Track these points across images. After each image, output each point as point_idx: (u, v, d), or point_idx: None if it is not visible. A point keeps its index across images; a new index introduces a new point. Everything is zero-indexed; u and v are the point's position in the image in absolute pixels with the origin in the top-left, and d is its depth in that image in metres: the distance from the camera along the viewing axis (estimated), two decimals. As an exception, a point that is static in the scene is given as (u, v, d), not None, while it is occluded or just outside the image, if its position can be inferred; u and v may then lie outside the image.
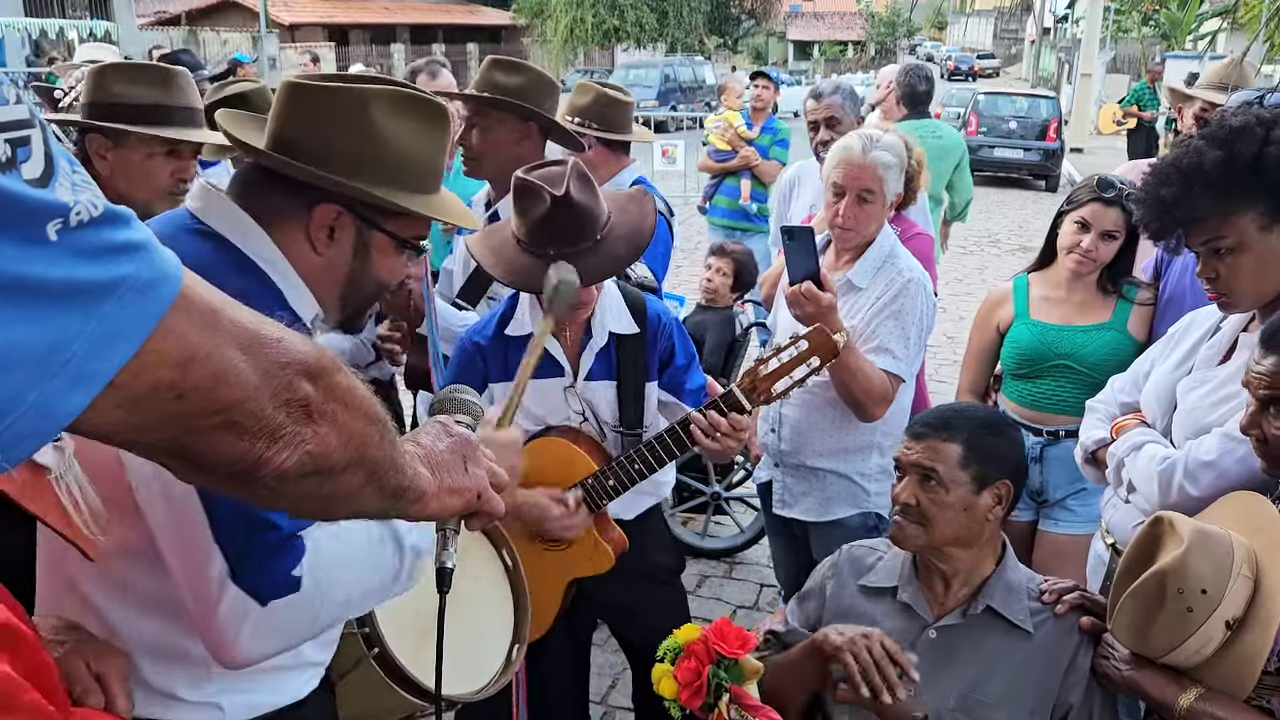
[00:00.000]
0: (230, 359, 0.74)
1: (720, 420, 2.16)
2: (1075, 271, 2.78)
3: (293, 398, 0.80)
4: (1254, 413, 1.65)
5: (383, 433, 0.93)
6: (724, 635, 1.85)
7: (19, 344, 0.60)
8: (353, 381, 0.89)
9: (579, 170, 2.15)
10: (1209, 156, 1.84)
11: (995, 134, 16.88)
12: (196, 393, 0.72)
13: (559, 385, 2.33)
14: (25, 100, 0.63)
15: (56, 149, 0.65)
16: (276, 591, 1.30)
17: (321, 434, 0.83)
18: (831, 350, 2.15)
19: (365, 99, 1.39)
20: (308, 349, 0.83)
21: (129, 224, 0.68)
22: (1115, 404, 2.28)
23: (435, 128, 1.48)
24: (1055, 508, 2.86)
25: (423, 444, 1.12)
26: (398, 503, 1.03)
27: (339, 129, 1.39)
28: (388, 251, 1.48)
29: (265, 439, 0.78)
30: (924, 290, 2.68)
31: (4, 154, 0.60)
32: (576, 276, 1.96)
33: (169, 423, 0.72)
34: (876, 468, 2.77)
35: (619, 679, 3.51)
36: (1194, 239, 1.92)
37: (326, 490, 0.88)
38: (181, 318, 0.70)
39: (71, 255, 0.63)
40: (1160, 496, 1.94)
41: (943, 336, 7.26)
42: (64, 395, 0.63)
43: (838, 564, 2.06)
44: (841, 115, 4.07)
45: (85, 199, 0.64)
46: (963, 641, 1.84)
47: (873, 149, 2.68)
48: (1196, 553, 1.60)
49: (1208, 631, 1.59)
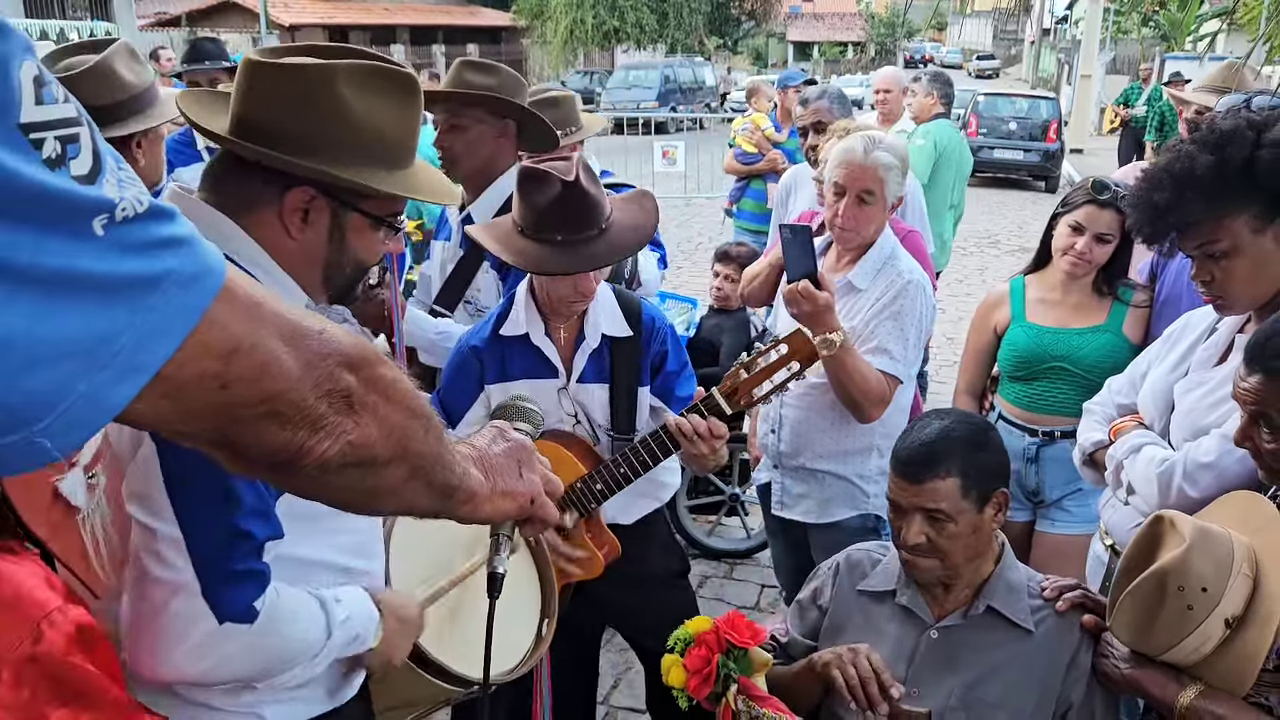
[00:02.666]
0: (273, 350, 0.75)
1: (700, 423, 2.16)
2: (1070, 274, 2.80)
3: (334, 388, 0.81)
4: (1245, 426, 1.67)
5: (427, 427, 0.93)
6: (735, 626, 1.87)
7: (68, 336, 0.62)
8: (396, 374, 0.89)
9: (585, 162, 2.19)
10: (1200, 161, 1.85)
11: (995, 135, 16.88)
12: (240, 383, 0.73)
13: (553, 387, 2.34)
14: (73, 99, 0.64)
15: (103, 146, 0.66)
16: (235, 615, 1.31)
17: (363, 425, 0.83)
18: (811, 354, 2.14)
19: (330, 75, 1.36)
20: (349, 341, 0.84)
21: (173, 219, 0.70)
22: (1112, 405, 2.29)
23: (405, 100, 1.44)
24: (1052, 508, 2.88)
25: (478, 446, 1.12)
26: (448, 502, 1.03)
27: (305, 109, 1.36)
28: (364, 230, 1.47)
29: (307, 428, 0.79)
30: (924, 292, 2.69)
31: (54, 151, 0.61)
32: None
33: (213, 412, 0.74)
34: (876, 469, 2.78)
35: (621, 679, 3.53)
36: (1187, 243, 1.94)
37: (370, 483, 0.88)
38: (225, 310, 0.72)
39: (118, 250, 0.64)
40: (1160, 498, 1.95)
41: (942, 337, 7.28)
42: (112, 386, 0.65)
43: (836, 570, 2.07)
44: (829, 119, 4.10)
45: (131, 195, 0.66)
46: (964, 641, 1.86)
47: (874, 150, 2.68)
48: (1197, 551, 1.62)
49: (1207, 629, 1.60)
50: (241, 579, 1.32)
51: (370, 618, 1.55)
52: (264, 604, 1.34)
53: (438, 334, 2.71)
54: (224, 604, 1.30)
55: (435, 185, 1.56)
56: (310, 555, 1.48)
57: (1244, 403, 1.66)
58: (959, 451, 1.82)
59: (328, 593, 1.48)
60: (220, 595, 1.30)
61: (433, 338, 2.70)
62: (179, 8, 31.06)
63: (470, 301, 2.85)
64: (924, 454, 1.82)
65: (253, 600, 1.32)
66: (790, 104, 6.80)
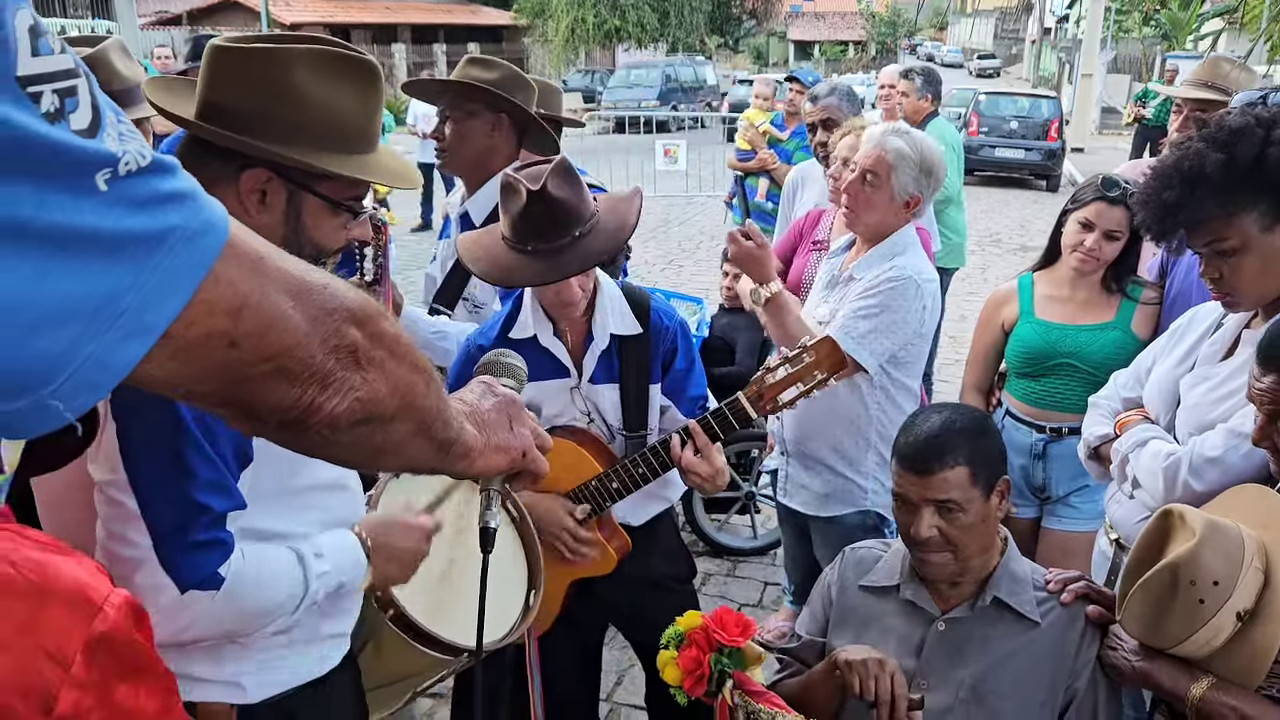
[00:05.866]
0: (280, 305, 0.74)
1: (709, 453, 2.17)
2: (1079, 270, 2.80)
3: (341, 344, 0.79)
4: (1263, 425, 1.67)
5: (429, 382, 0.93)
6: (723, 623, 1.87)
7: (73, 295, 0.60)
8: (398, 329, 0.88)
9: (562, 166, 2.14)
10: (1210, 159, 1.85)
11: (996, 134, 16.90)
12: (248, 339, 0.72)
13: (565, 386, 2.33)
14: (69, 50, 0.62)
15: (102, 99, 0.64)
16: (198, 583, 1.33)
17: (370, 380, 0.82)
18: (840, 362, 2.13)
19: (288, 60, 1.38)
20: (353, 295, 0.83)
21: (175, 173, 0.68)
22: (1118, 399, 2.29)
23: (364, 87, 1.45)
24: (1058, 504, 2.88)
25: (468, 401, 1.12)
26: (445, 456, 1.02)
27: (262, 92, 1.38)
28: (321, 214, 1.48)
29: (316, 385, 0.78)
30: (917, 290, 2.62)
31: (53, 105, 0.59)
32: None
33: (222, 371, 0.72)
34: (874, 465, 2.78)
35: (624, 675, 3.53)
36: (1196, 240, 1.93)
37: (379, 439, 0.88)
38: (231, 265, 0.70)
39: (122, 205, 0.63)
40: (1165, 492, 1.96)
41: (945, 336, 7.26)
42: (120, 346, 0.64)
43: (840, 567, 2.07)
44: (839, 116, 4.11)
45: (133, 148, 0.64)
46: (971, 634, 1.86)
47: (894, 136, 2.66)
48: (1208, 545, 1.62)
49: (1219, 623, 1.60)
50: (200, 549, 1.33)
51: (356, 564, 1.57)
52: (229, 569, 1.35)
53: (434, 333, 2.70)
54: (184, 574, 1.32)
55: (395, 170, 1.57)
56: (276, 528, 1.49)
57: (1261, 403, 1.65)
58: (964, 441, 1.84)
59: (308, 547, 1.49)
60: (179, 566, 1.32)
61: (429, 336, 2.70)
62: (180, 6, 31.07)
63: (468, 299, 2.85)
64: (931, 446, 1.82)
65: (215, 566, 1.34)
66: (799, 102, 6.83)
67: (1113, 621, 1.81)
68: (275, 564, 1.43)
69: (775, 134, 6.64)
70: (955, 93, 20.52)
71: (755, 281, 2.64)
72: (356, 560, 1.57)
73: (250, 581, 1.38)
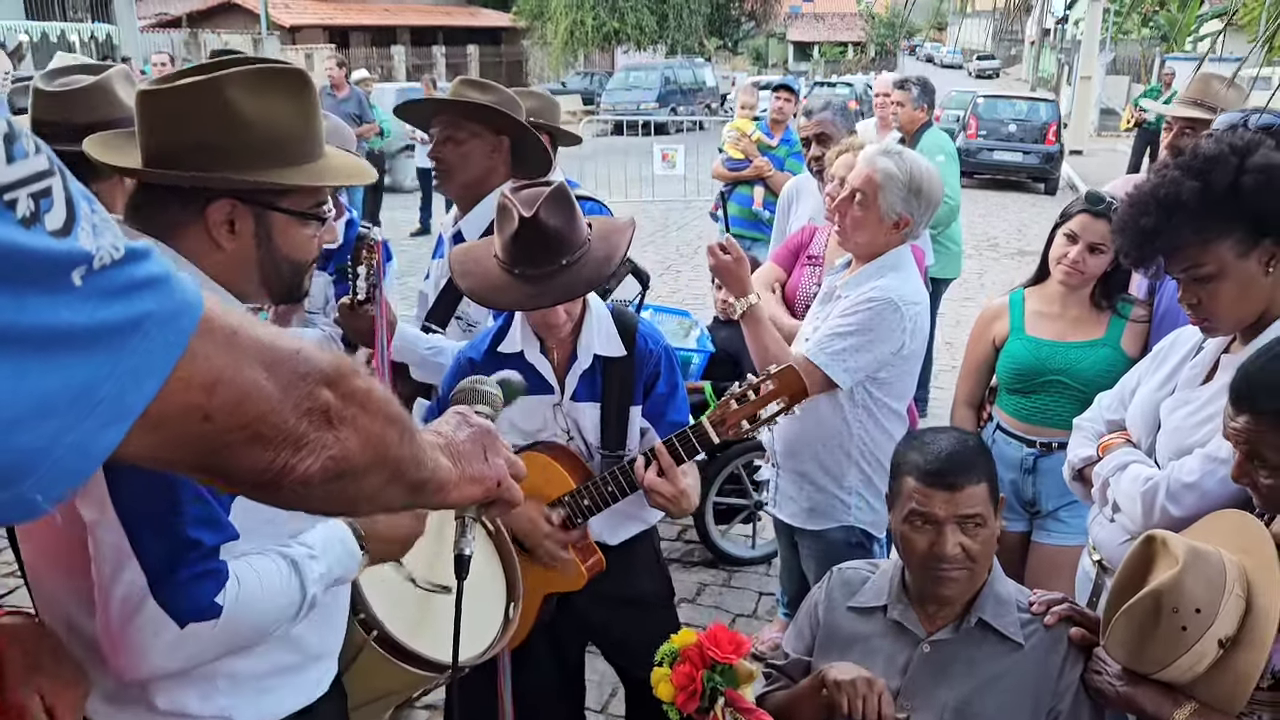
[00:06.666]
0: (252, 377, 0.76)
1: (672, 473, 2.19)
2: (1064, 283, 2.82)
3: (313, 406, 0.82)
4: (1240, 463, 1.69)
5: (402, 432, 0.95)
6: (717, 640, 1.90)
7: (52, 391, 0.62)
8: (370, 384, 0.90)
9: (558, 193, 2.15)
10: (1186, 186, 1.87)
11: (994, 137, 16.93)
12: (222, 412, 0.73)
13: (548, 403, 2.36)
14: (44, 149, 0.64)
15: (76, 191, 0.65)
16: (197, 615, 1.34)
17: (343, 439, 0.84)
18: (801, 391, 2.16)
19: (219, 87, 1.38)
20: (325, 357, 0.85)
21: (148, 257, 0.69)
22: (1102, 421, 2.31)
23: (298, 94, 1.47)
24: (1048, 519, 2.90)
25: (444, 433, 1.14)
26: (420, 495, 1.05)
27: (203, 125, 1.39)
28: (290, 228, 1.50)
29: (289, 448, 0.80)
30: (896, 311, 2.61)
31: (28, 209, 0.60)
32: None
33: (198, 441, 0.74)
34: (857, 481, 2.79)
35: (618, 689, 3.54)
36: (1173, 266, 1.96)
37: (353, 492, 0.90)
38: (205, 342, 0.72)
39: (96, 298, 0.64)
40: (1144, 517, 1.98)
41: (941, 342, 7.28)
42: (98, 434, 0.65)
43: (827, 587, 2.09)
44: (832, 131, 4.15)
45: (107, 242, 0.65)
46: (957, 655, 1.88)
47: (884, 156, 2.68)
48: (1191, 572, 1.64)
49: (1201, 649, 1.63)
50: (195, 583, 1.34)
51: (351, 555, 1.59)
52: (225, 596, 1.36)
53: (428, 349, 2.73)
54: (181, 609, 1.33)
55: (349, 169, 1.59)
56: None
57: (1236, 442, 1.67)
58: (982, 459, 1.90)
59: (301, 550, 1.50)
60: (175, 602, 1.33)
61: (423, 353, 2.72)
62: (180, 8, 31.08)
63: (462, 317, 2.86)
64: (957, 462, 1.86)
65: (212, 596, 1.36)
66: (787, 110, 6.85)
67: (1095, 644, 1.83)
68: (271, 578, 1.44)
69: (765, 141, 6.64)
70: (954, 95, 20.56)
71: (733, 295, 2.67)
72: (350, 551, 1.58)
73: (248, 602, 1.40)
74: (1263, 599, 1.64)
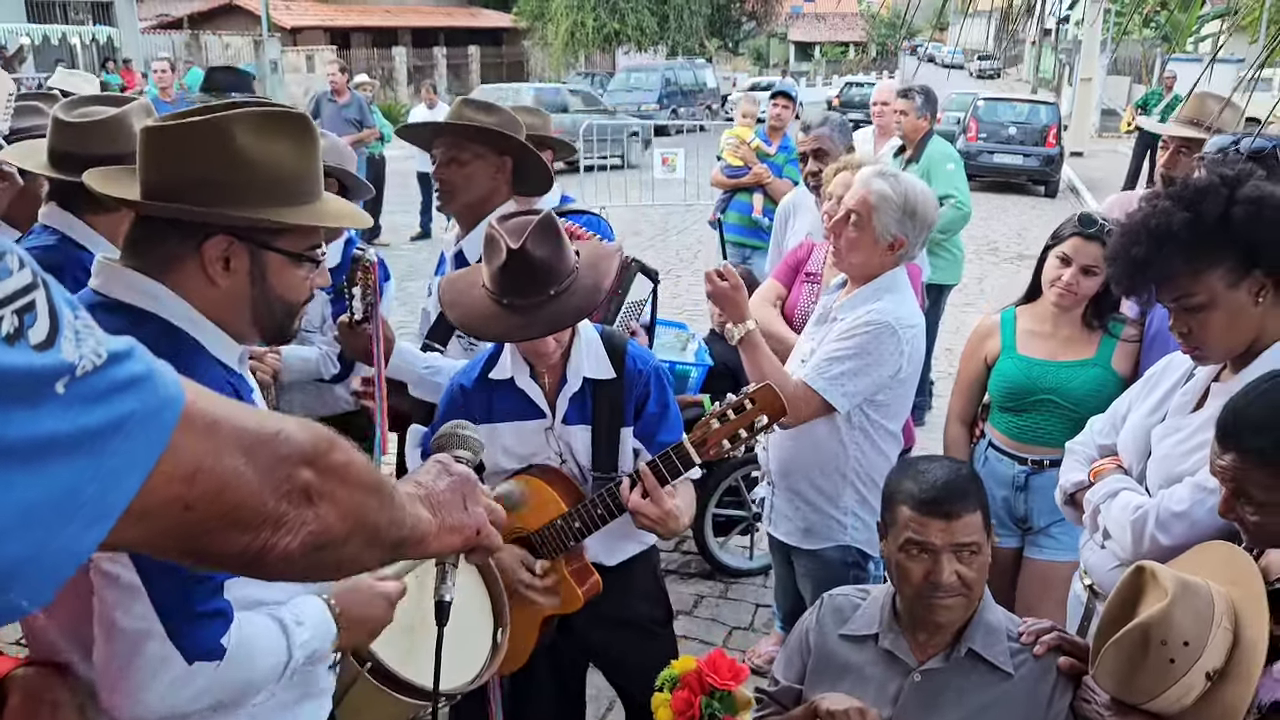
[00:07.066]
0: (232, 465, 0.77)
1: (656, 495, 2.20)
2: (1058, 305, 2.83)
3: (293, 487, 0.84)
4: (1227, 499, 1.70)
5: (380, 499, 0.97)
6: (717, 667, 1.92)
7: (36, 500, 0.62)
8: (350, 456, 0.92)
9: (545, 224, 2.16)
10: (1177, 217, 1.89)
11: (995, 139, 16.93)
12: (203, 501, 0.75)
13: (540, 427, 2.37)
14: (28, 262, 0.64)
15: (59, 299, 0.66)
16: (205, 654, 1.35)
17: (322, 514, 0.87)
18: (780, 409, 2.17)
19: (226, 126, 1.41)
20: (305, 436, 0.87)
21: (130, 356, 0.70)
22: (1094, 446, 2.32)
23: (302, 138, 1.50)
24: (1040, 535, 2.92)
25: (423, 483, 1.17)
26: (400, 551, 1.07)
27: (207, 161, 1.41)
28: (284, 269, 1.51)
29: (269, 528, 0.82)
30: (894, 335, 2.61)
31: (12, 326, 0.61)
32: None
33: (179, 529, 0.76)
34: (853, 502, 2.80)
35: (615, 702, 3.55)
36: (1164, 296, 1.97)
37: (333, 560, 0.92)
38: (186, 435, 0.73)
39: (78, 404, 0.64)
40: (1134, 545, 1.99)
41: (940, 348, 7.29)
42: (81, 535, 0.66)
43: (818, 613, 2.10)
44: (830, 147, 4.16)
45: (89, 349, 0.66)
46: (947, 685, 1.89)
47: (878, 179, 2.68)
48: (1180, 605, 1.65)
49: (1189, 682, 1.64)
50: (205, 619, 1.36)
51: (328, 634, 1.60)
52: (229, 639, 1.38)
53: (426, 369, 2.75)
54: (191, 645, 1.34)
55: (345, 212, 1.61)
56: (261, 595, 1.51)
57: (1222, 480, 1.69)
58: (974, 486, 1.92)
59: (289, 615, 1.52)
60: (186, 637, 1.34)
61: (421, 372, 2.74)
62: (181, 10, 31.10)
63: (463, 335, 2.87)
64: (953, 491, 1.88)
65: (219, 637, 1.37)
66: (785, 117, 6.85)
67: (1084, 672, 1.84)
68: (265, 637, 1.46)
69: (764, 149, 6.66)
70: (954, 97, 20.53)
71: (729, 320, 2.68)
72: (329, 631, 1.60)
73: (245, 652, 1.41)
74: (1250, 632, 1.65)
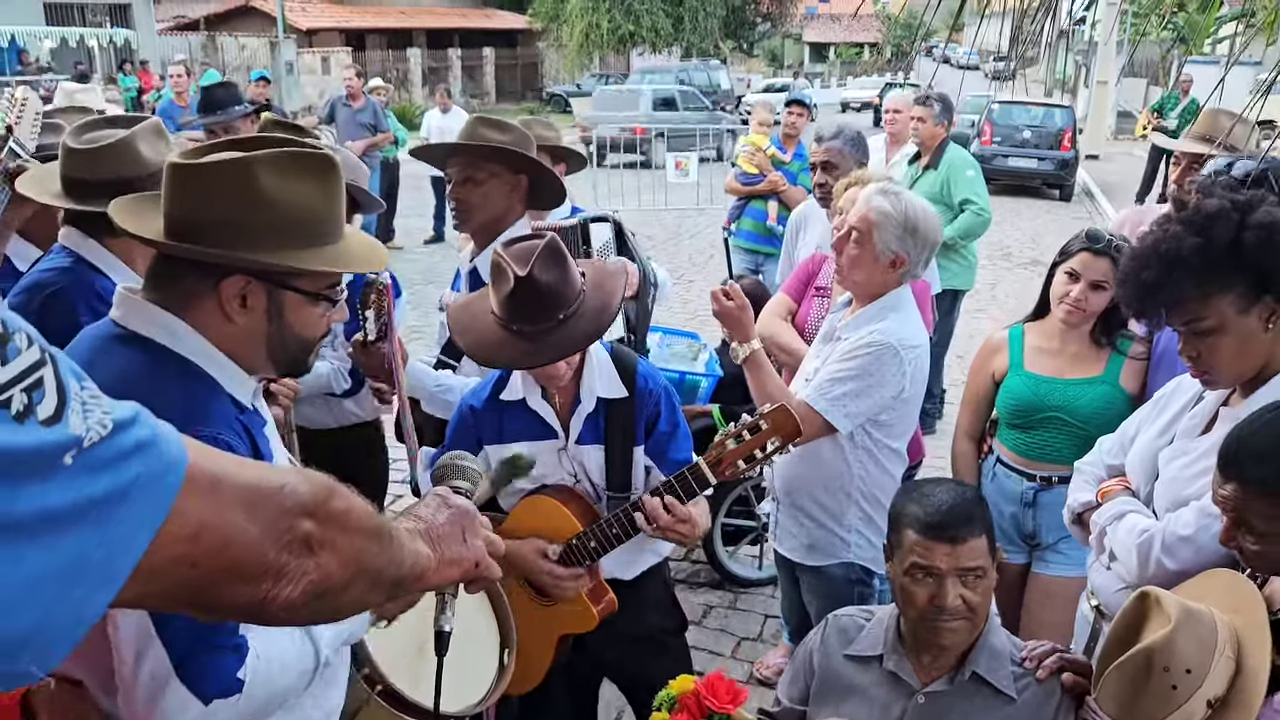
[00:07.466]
0: (234, 521, 0.80)
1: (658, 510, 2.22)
2: (1066, 321, 2.83)
3: (294, 539, 0.86)
4: (1228, 528, 1.70)
5: (379, 542, 0.99)
6: (715, 690, 1.92)
7: (44, 570, 0.63)
8: (349, 502, 0.94)
9: (550, 248, 2.17)
10: (1187, 242, 1.89)
11: (1009, 143, 16.87)
12: (207, 558, 0.78)
13: (553, 447, 2.39)
14: (36, 339, 0.65)
15: (66, 372, 0.67)
16: (221, 692, 1.36)
17: (322, 563, 0.89)
18: (794, 431, 2.19)
19: (250, 167, 1.41)
20: (306, 488, 0.89)
21: (135, 423, 0.71)
22: (1102, 466, 2.32)
23: (325, 180, 1.50)
24: (1048, 551, 2.91)
25: (423, 517, 1.18)
26: (400, 589, 1.09)
27: (227, 202, 1.42)
28: (301, 307, 1.53)
29: (271, 580, 0.84)
30: (896, 356, 2.61)
31: (21, 404, 0.62)
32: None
33: (184, 585, 0.78)
34: (856, 519, 2.80)
35: (624, 712, 3.57)
36: (1174, 320, 1.97)
37: (333, 605, 0.94)
38: (189, 496, 0.75)
39: (85, 474, 0.66)
40: (1139, 568, 1.99)
41: (952, 355, 7.27)
42: (89, 599, 0.67)
43: (823, 634, 2.11)
44: (840, 161, 4.16)
45: (94, 420, 0.67)
46: (951, 708, 1.90)
47: (880, 196, 2.68)
48: (1183, 632, 1.66)
49: (1190, 709, 1.64)
50: (219, 656, 1.36)
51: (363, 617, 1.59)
52: (247, 671, 1.38)
53: (437, 386, 2.78)
54: (205, 686, 1.35)
55: (365, 254, 1.61)
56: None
57: (1224, 509, 1.69)
58: (980, 510, 1.93)
59: None
60: (199, 679, 1.34)
61: (432, 389, 2.77)
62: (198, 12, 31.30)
63: None
64: (958, 515, 1.89)
65: (234, 673, 1.37)
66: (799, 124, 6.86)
67: (1087, 690, 1.85)
68: (286, 653, 1.46)
69: (779, 156, 6.66)
70: (969, 100, 20.42)
71: (735, 340, 2.69)
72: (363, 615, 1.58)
73: (265, 675, 1.41)
74: (1252, 660, 1.65)
